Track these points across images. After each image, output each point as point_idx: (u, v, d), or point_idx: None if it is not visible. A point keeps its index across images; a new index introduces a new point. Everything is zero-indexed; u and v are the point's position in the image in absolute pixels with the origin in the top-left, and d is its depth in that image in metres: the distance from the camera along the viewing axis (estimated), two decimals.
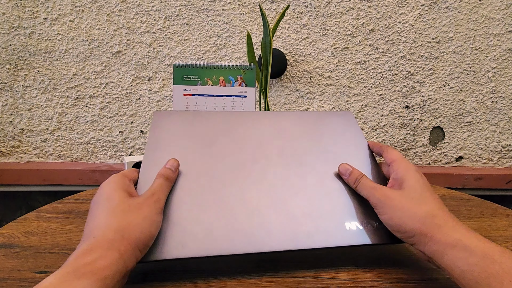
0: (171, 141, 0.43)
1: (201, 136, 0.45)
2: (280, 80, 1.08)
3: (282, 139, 0.46)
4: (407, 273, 0.36)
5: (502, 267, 0.27)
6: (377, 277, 0.35)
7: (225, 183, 0.40)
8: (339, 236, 0.36)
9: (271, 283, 0.34)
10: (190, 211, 0.37)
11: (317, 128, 0.48)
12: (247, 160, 0.43)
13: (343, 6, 1.03)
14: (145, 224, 0.32)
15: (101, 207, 0.33)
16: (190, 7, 1.03)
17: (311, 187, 0.41)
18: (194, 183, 0.39)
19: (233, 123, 0.47)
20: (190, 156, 0.42)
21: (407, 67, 1.06)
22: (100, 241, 0.29)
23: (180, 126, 0.45)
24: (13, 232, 0.45)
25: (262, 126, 0.48)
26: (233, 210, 0.38)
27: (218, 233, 0.36)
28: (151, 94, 1.08)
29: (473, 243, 0.30)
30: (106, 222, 0.31)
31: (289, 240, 0.36)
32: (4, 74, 1.05)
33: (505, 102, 1.08)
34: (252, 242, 0.35)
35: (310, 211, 0.39)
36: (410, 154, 1.12)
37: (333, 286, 0.34)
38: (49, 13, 1.02)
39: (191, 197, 0.38)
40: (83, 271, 0.26)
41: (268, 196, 0.39)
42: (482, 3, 1.02)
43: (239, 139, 0.45)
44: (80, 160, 1.11)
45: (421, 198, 0.35)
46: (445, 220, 0.34)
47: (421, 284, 0.35)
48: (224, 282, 0.34)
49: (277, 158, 0.43)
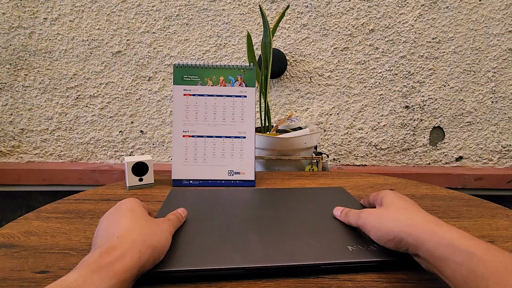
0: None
1: (205, 203, 0.53)
2: (280, 80, 1.08)
3: (278, 207, 0.52)
4: (407, 273, 0.36)
5: (487, 266, 0.27)
6: (377, 277, 0.35)
7: (226, 226, 0.45)
8: (342, 255, 0.37)
9: (271, 283, 0.34)
10: (197, 242, 0.41)
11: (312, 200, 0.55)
12: (246, 216, 0.48)
13: (343, 6, 1.03)
14: (163, 236, 0.36)
15: (124, 216, 0.37)
16: (190, 7, 1.03)
17: (311, 225, 0.45)
18: (200, 228, 0.44)
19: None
20: (196, 213, 0.49)
21: (407, 67, 1.06)
22: (123, 241, 0.32)
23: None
24: (13, 232, 0.45)
25: (260, 198, 0.56)
26: (229, 237, 0.41)
27: (213, 250, 0.38)
28: (151, 94, 1.07)
29: (458, 239, 0.30)
30: (130, 226, 0.35)
31: (289, 255, 0.37)
32: (4, 74, 1.05)
33: (505, 102, 1.08)
34: (248, 258, 0.37)
35: (312, 239, 0.41)
36: (410, 154, 1.12)
37: (333, 286, 0.34)
38: (49, 13, 1.02)
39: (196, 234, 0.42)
40: (106, 271, 0.28)
41: (268, 233, 0.43)
42: (482, 3, 1.02)
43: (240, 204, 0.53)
44: (80, 160, 1.11)
45: (399, 206, 0.39)
46: (427, 219, 0.34)
47: (421, 284, 0.34)
48: (224, 282, 0.34)
49: (274, 214, 0.49)
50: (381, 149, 1.12)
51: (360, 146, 1.12)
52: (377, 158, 1.12)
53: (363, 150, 1.12)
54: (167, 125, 1.10)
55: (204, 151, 0.66)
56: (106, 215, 0.39)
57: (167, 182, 0.67)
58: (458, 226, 0.48)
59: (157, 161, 1.12)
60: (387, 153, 1.12)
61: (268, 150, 0.79)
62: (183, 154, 0.66)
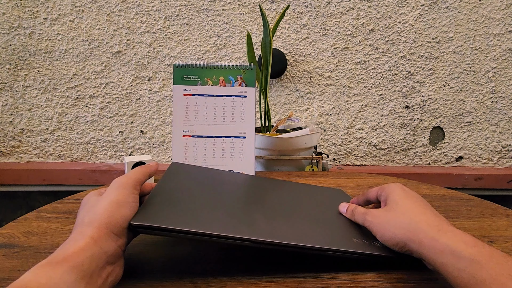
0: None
1: (210, 180, 0.50)
2: (280, 80, 1.08)
3: (283, 192, 0.51)
4: (407, 273, 0.36)
5: (490, 273, 0.27)
6: (377, 277, 0.35)
7: (232, 203, 0.43)
8: (348, 245, 0.37)
9: (271, 283, 0.34)
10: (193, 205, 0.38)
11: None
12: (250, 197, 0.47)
13: (343, 6, 1.03)
14: (112, 208, 0.32)
15: (100, 203, 0.34)
16: (190, 7, 1.03)
17: (317, 214, 0.44)
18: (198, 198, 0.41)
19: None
20: (201, 188, 0.45)
21: (407, 67, 1.06)
22: (74, 235, 0.30)
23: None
24: (13, 232, 0.45)
25: (266, 184, 0.54)
26: (235, 211, 0.39)
27: (220, 219, 0.36)
28: (151, 94, 1.07)
29: (460, 247, 0.30)
30: (81, 219, 0.32)
31: (297, 236, 0.36)
32: (4, 74, 1.05)
33: (505, 102, 1.08)
34: (250, 229, 0.35)
35: (319, 226, 0.41)
36: (410, 154, 1.12)
37: (333, 286, 0.34)
38: (49, 13, 1.02)
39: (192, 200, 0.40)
40: (57, 260, 0.26)
41: (274, 215, 0.41)
42: (482, 3, 1.02)
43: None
44: (80, 160, 1.11)
45: (403, 208, 0.38)
46: (429, 225, 0.34)
47: (421, 284, 0.35)
48: (224, 282, 0.34)
49: (280, 199, 0.47)
50: (381, 149, 1.12)
51: (360, 146, 1.12)
52: (377, 158, 1.12)
53: (363, 150, 1.12)
54: (167, 125, 1.10)
55: (204, 151, 0.66)
56: (93, 195, 0.36)
57: None
58: (458, 226, 0.48)
59: (157, 161, 1.12)
60: (387, 153, 1.12)
61: (268, 150, 0.79)
62: (183, 154, 0.66)
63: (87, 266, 0.27)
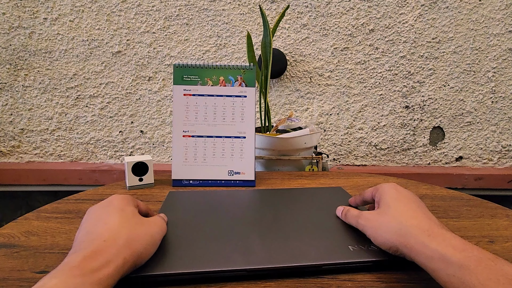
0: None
1: (204, 204, 0.53)
2: (280, 80, 1.08)
3: (276, 208, 0.52)
4: (407, 273, 0.36)
5: (478, 278, 0.27)
6: (377, 277, 0.35)
7: (226, 228, 0.44)
8: (344, 255, 0.38)
9: (271, 283, 0.34)
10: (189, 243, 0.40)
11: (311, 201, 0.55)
12: (243, 216, 0.48)
13: (343, 6, 1.03)
14: (149, 240, 0.35)
15: (113, 215, 0.35)
16: (190, 7, 1.03)
17: (311, 225, 0.45)
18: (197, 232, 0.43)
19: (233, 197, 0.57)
20: (195, 214, 0.49)
21: (407, 67, 1.06)
22: (110, 246, 0.31)
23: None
24: (13, 232, 0.45)
25: (260, 199, 0.56)
26: (229, 239, 0.41)
27: (214, 252, 0.38)
28: (151, 94, 1.07)
29: (449, 252, 0.30)
30: (118, 229, 0.33)
31: (291, 256, 0.37)
32: (4, 74, 1.05)
33: (505, 102, 1.08)
34: (250, 259, 0.37)
35: (313, 239, 0.41)
36: (410, 154, 1.12)
37: (333, 286, 0.34)
38: (49, 13, 1.02)
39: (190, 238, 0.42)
40: (89, 278, 0.27)
41: (269, 234, 0.42)
42: (482, 3, 1.02)
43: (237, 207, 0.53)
44: (80, 160, 1.11)
45: (395, 211, 0.37)
46: (420, 229, 0.34)
47: (421, 284, 0.34)
48: (224, 282, 0.34)
49: (275, 214, 0.49)
50: (381, 149, 1.12)
51: (360, 146, 1.12)
52: (377, 158, 1.12)
53: (363, 150, 1.12)
54: (167, 125, 1.10)
55: (204, 151, 0.66)
56: (94, 209, 0.37)
57: (167, 182, 0.67)
58: (458, 226, 0.49)
59: (157, 161, 1.12)
60: (387, 153, 1.12)
61: (268, 150, 0.79)
62: (183, 154, 0.66)
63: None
